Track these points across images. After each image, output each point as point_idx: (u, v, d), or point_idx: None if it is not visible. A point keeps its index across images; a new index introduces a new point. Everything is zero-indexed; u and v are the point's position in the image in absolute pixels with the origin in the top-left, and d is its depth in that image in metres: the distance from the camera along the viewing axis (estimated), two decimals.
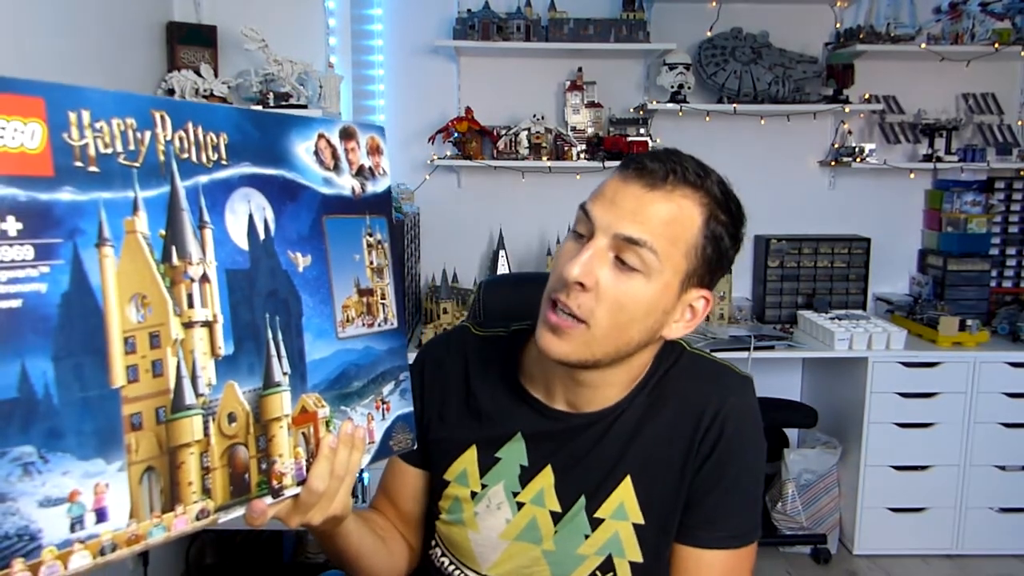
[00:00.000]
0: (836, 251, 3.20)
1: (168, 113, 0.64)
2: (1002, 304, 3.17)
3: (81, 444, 0.58)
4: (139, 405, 0.62)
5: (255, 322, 0.71)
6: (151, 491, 0.63)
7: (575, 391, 0.99)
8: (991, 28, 3.06)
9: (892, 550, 2.93)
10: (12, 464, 0.54)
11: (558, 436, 1.00)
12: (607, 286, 0.88)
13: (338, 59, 2.90)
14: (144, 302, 0.63)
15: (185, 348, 0.66)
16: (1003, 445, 2.87)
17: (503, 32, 2.98)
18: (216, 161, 0.68)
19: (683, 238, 0.89)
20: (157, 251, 0.64)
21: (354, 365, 0.82)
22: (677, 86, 3.03)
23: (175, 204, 0.65)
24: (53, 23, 1.98)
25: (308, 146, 0.77)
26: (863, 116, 3.28)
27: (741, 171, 0.96)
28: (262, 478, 0.72)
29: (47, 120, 0.56)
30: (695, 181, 0.90)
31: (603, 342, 0.90)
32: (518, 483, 1.00)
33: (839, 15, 3.22)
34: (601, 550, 0.98)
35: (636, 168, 0.90)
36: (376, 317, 0.85)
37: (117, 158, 0.61)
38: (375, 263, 0.85)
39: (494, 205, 3.23)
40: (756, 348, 2.80)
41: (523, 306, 1.30)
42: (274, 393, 0.73)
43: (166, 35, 2.69)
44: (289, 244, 0.75)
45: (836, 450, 2.97)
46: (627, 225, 0.87)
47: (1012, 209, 3.25)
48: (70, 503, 0.57)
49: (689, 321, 0.96)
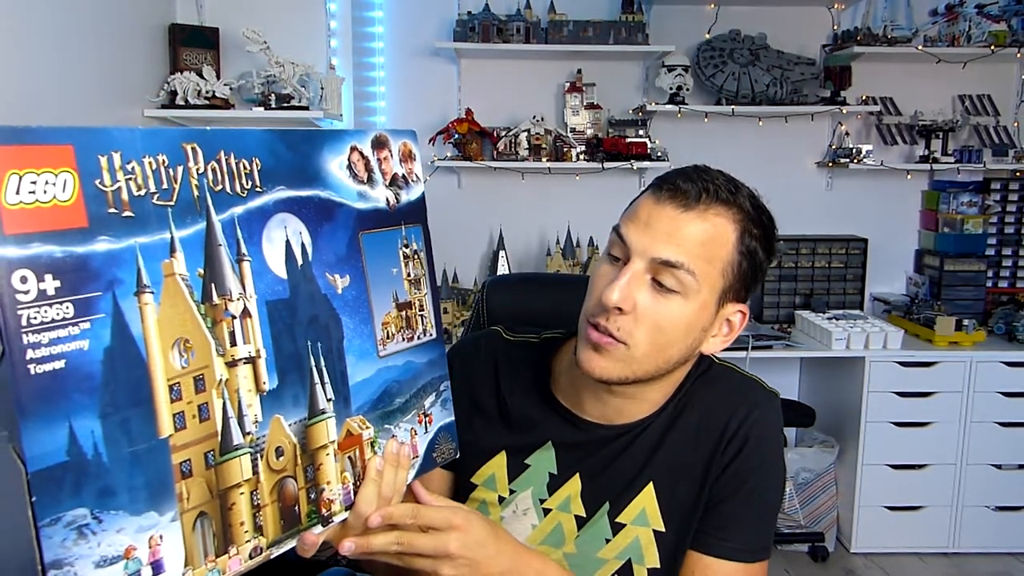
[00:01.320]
0: (834, 251, 3.18)
1: (199, 145, 0.62)
2: (998, 304, 3.16)
3: (133, 499, 0.57)
4: (188, 452, 0.61)
5: (298, 351, 0.69)
6: (204, 537, 0.62)
7: (607, 403, 0.98)
8: (987, 30, 3.05)
9: (889, 548, 2.92)
10: (67, 529, 0.53)
11: (587, 446, 1.00)
12: (645, 309, 0.87)
13: (339, 61, 2.89)
14: (187, 346, 0.61)
15: (230, 388, 0.64)
16: (999, 444, 2.86)
17: (503, 34, 2.96)
18: (251, 189, 0.66)
19: (719, 256, 0.89)
20: (197, 291, 0.62)
21: (396, 382, 0.80)
22: (676, 88, 3.02)
23: (212, 240, 0.63)
24: (56, 26, 1.96)
25: (341, 161, 0.75)
26: (860, 117, 3.27)
27: (739, 172, 0.94)
28: (311, 508, 0.71)
29: (78, 168, 0.54)
30: (727, 198, 0.89)
31: (643, 362, 0.90)
32: (546, 491, 1.00)
33: (836, 17, 3.20)
34: (621, 555, 0.97)
35: (669, 189, 0.89)
36: (415, 330, 0.83)
37: (151, 199, 0.58)
38: (412, 274, 0.83)
39: (494, 206, 3.22)
40: (754, 348, 2.78)
41: (526, 307, 1.31)
42: (320, 421, 0.71)
43: (168, 37, 2.67)
44: (327, 266, 0.73)
45: (834, 449, 2.96)
46: (663, 248, 0.86)
47: (1008, 210, 3.23)
48: (126, 560, 0.56)
49: (727, 336, 0.95)
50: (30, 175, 0.51)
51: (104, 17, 2.23)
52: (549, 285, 1.49)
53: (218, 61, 2.75)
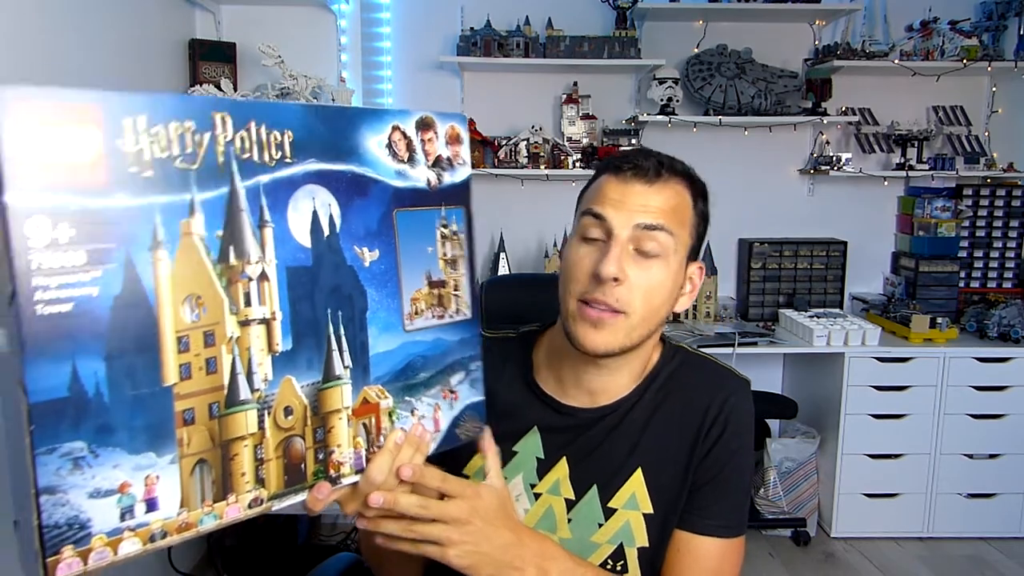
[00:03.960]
0: (815, 253, 3.21)
1: (230, 114, 0.62)
2: (970, 303, 3.19)
3: (132, 439, 0.57)
4: (192, 401, 0.61)
5: (316, 318, 0.69)
6: (203, 482, 0.62)
7: (588, 384, 1.00)
8: (960, 45, 3.09)
9: (867, 533, 2.95)
10: (62, 459, 0.53)
11: (572, 430, 1.01)
12: (636, 277, 0.91)
13: (349, 74, 2.92)
14: (199, 302, 0.61)
15: (241, 345, 0.64)
16: (971, 435, 2.89)
17: (504, 49, 3.00)
18: (279, 160, 0.65)
19: (685, 219, 0.95)
20: (214, 251, 0.61)
21: (421, 357, 0.78)
22: (666, 99, 3.05)
23: (234, 204, 0.62)
24: (83, 41, 2.00)
25: (381, 139, 0.73)
26: (840, 127, 3.30)
27: (726, 179, 1.01)
28: (319, 467, 0.70)
29: (103, 127, 0.54)
30: (680, 169, 0.96)
31: (639, 327, 0.93)
32: (535, 475, 1.00)
33: (818, 33, 3.24)
34: (613, 538, 0.98)
35: (631, 168, 0.94)
36: (447, 308, 0.81)
37: (174, 161, 0.58)
38: (449, 254, 0.81)
39: (495, 211, 3.25)
40: (740, 344, 2.82)
41: (520, 305, 1.30)
42: (334, 386, 0.71)
43: (189, 51, 2.71)
44: (355, 239, 0.72)
45: (815, 439, 2.99)
46: (641, 216, 0.91)
47: (979, 214, 3.26)
48: (120, 494, 0.57)
49: (691, 292, 1.00)
50: (56, 129, 0.52)
51: (129, 33, 2.27)
52: (541, 284, 1.50)
53: (235, 74, 2.79)
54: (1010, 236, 3.26)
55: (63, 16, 1.89)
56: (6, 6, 1.68)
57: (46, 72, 1.81)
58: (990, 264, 3.28)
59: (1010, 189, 3.23)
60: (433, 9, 3.15)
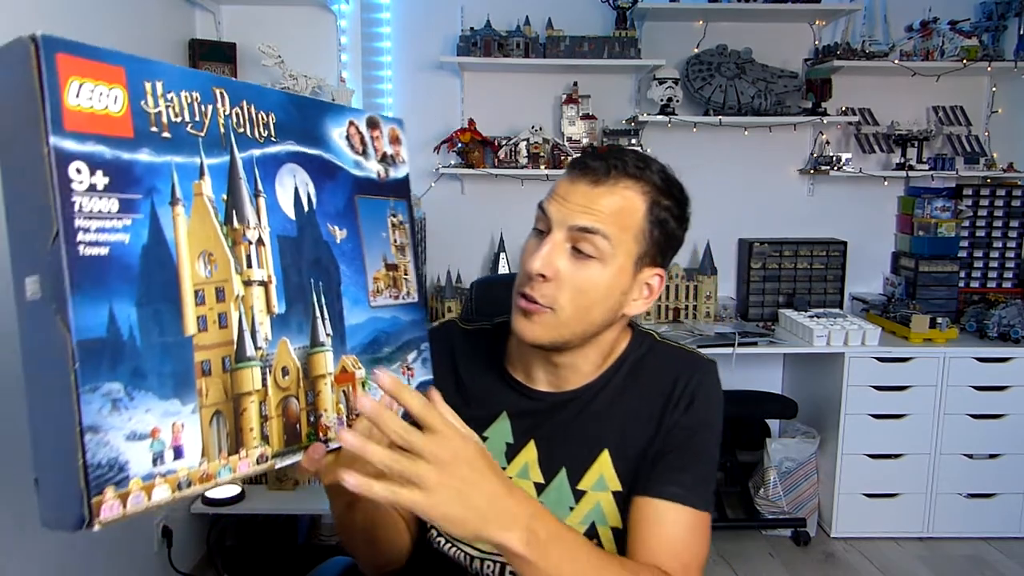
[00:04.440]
0: (815, 253, 3.21)
1: (226, 90, 0.66)
2: (970, 303, 3.19)
3: (161, 385, 0.59)
4: (208, 353, 0.63)
5: (303, 285, 0.73)
6: (219, 433, 0.63)
7: (553, 371, 1.02)
8: (960, 45, 3.08)
9: (867, 533, 2.94)
10: (103, 398, 0.54)
11: (539, 414, 1.02)
12: (567, 274, 0.91)
13: (349, 74, 2.92)
14: (211, 259, 0.64)
15: (245, 304, 0.67)
16: (971, 435, 2.88)
17: (504, 49, 2.99)
18: (267, 137, 0.70)
19: (630, 224, 0.93)
20: (221, 213, 0.65)
21: (384, 332, 0.83)
22: (666, 99, 3.04)
23: (234, 172, 0.67)
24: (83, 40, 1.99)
25: (341, 131, 0.79)
26: (840, 127, 3.30)
27: (726, 179, 0.99)
28: (310, 429, 0.73)
29: (127, 87, 0.58)
30: (635, 173, 0.94)
31: (569, 324, 0.93)
32: (504, 460, 1.02)
33: (817, 33, 3.23)
34: (585, 519, 0.98)
35: (581, 167, 0.94)
36: (400, 290, 0.87)
37: (186, 127, 0.62)
38: (398, 241, 0.87)
39: (495, 210, 3.24)
40: (740, 344, 2.81)
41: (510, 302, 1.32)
42: (320, 352, 0.74)
43: (189, 51, 2.70)
44: (328, 218, 0.77)
45: (815, 439, 2.98)
46: (579, 217, 0.91)
47: (979, 214, 3.26)
48: (152, 439, 0.58)
49: (647, 298, 0.99)
50: (88, 84, 0.55)
51: (129, 33, 2.26)
52: None
53: (235, 74, 2.78)
54: (1010, 236, 3.25)
55: (63, 16, 1.88)
56: (5, 6, 1.67)
57: None
58: (990, 264, 3.28)
59: (1010, 189, 3.22)
60: (433, 9, 3.14)
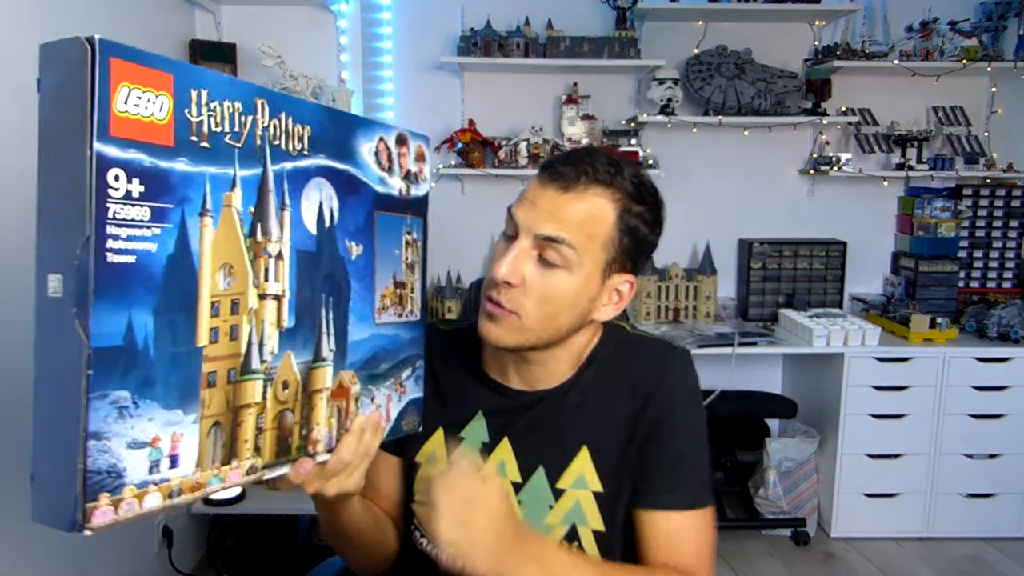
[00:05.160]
0: (815, 253, 3.20)
1: (267, 101, 0.66)
2: (969, 303, 3.18)
3: (167, 395, 0.59)
4: (215, 364, 0.63)
5: (313, 300, 0.73)
6: (215, 444, 0.64)
7: (525, 370, 1.01)
8: (959, 45, 3.07)
9: (867, 533, 2.93)
10: (111, 406, 0.55)
11: (514, 411, 1.02)
12: (532, 281, 0.90)
13: (350, 74, 2.91)
14: (231, 271, 0.64)
15: (258, 317, 0.67)
16: (970, 435, 2.87)
17: (504, 49, 2.99)
18: (300, 151, 0.70)
19: (598, 232, 0.91)
20: (246, 226, 0.65)
21: (383, 349, 0.84)
22: (666, 99, 3.04)
23: (265, 185, 0.67)
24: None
25: (371, 147, 0.80)
26: (840, 128, 3.29)
27: (725, 179, 0.97)
28: (301, 442, 0.73)
29: (174, 95, 0.58)
30: (605, 180, 0.91)
31: (534, 329, 0.92)
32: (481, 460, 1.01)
33: (817, 33, 3.22)
34: (565, 519, 0.97)
35: (551, 172, 0.92)
36: (405, 308, 0.87)
37: (224, 137, 0.62)
38: (410, 259, 0.87)
39: (495, 211, 3.18)
40: (740, 344, 2.80)
41: None
42: (320, 367, 0.74)
43: (189, 52, 2.69)
44: (347, 233, 0.77)
45: (814, 439, 2.97)
46: (545, 225, 0.89)
47: (979, 215, 3.25)
48: (151, 447, 0.58)
49: (617, 304, 0.97)
50: (137, 90, 0.55)
51: (129, 33, 2.26)
52: None
53: (235, 75, 2.77)
54: (1010, 236, 3.24)
55: (62, 16, 1.88)
56: (4, 7, 1.66)
57: None
58: (990, 264, 3.27)
59: (1010, 189, 3.21)
60: (433, 9, 3.13)
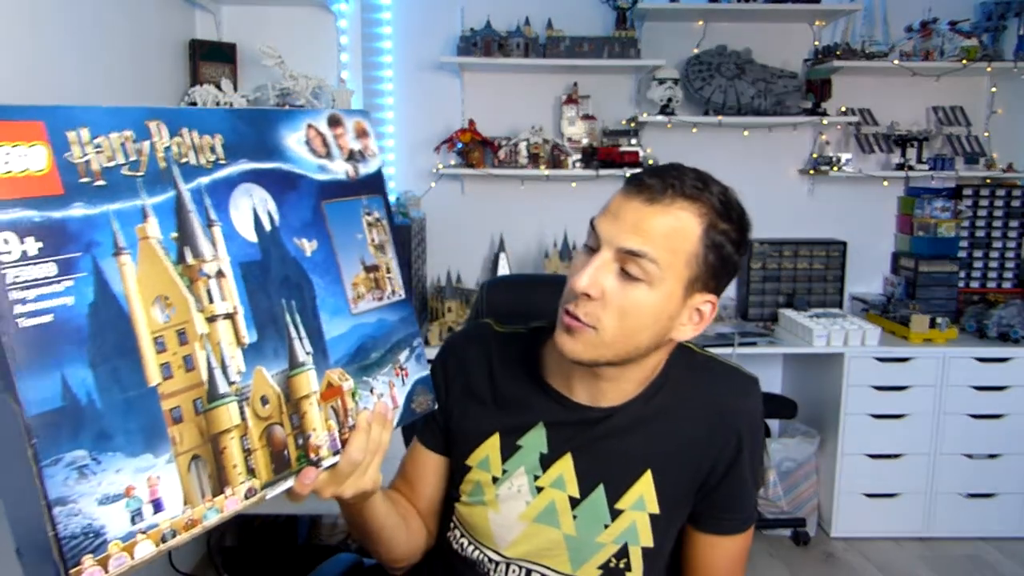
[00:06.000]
0: (815, 253, 3.19)
1: (163, 121, 0.64)
2: (969, 303, 3.17)
3: (129, 442, 0.58)
4: (177, 399, 0.62)
5: (273, 309, 0.71)
6: (200, 478, 0.63)
7: (593, 384, 0.99)
8: (959, 46, 3.06)
9: (867, 533, 2.93)
10: (67, 469, 0.54)
11: (577, 425, 1.00)
12: (612, 295, 0.88)
13: (350, 74, 2.90)
14: (167, 303, 0.62)
15: (212, 341, 0.65)
16: (970, 435, 2.86)
17: (504, 49, 2.98)
18: (215, 161, 0.68)
19: (683, 248, 0.88)
20: (172, 253, 0.63)
21: (370, 338, 0.81)
22: (666, 99, 3.03)
23: (182, 207, 0.65)
24: (81, 42, 1.97)
25: (299, 137, 0.77)
26: (840, 128, 3.28)
27: (725, 179, 0.95)
28: (300, 452, 0.72)
29: (49, 141, 0.55)
30: (692, 194, 0.89)
31: (612, 345, 0.90)
32: (539, 468, 1.00)
33: (817, 33, 3.21)
34: (618, 539, 0.97)
35: (637, 185, 0.89)
36: (384, 290, 0.84)
37: (121, 170, 0.60)
38: (376, 240, 0.85)
39: (495, 211, 3.23)
40: (740, 344, 2.80)
41: (523, 304, 1.30)
42: (300, 373, 0.73)
43: (189, 52, 2.68)
44: (294, 232, 0.75)
45: (815, 439, 2.97)
46: (628, 238, 0.87)
47: (979, 215, 3.24)
48: (127, 498, 0.57)
49: (697, 324, 0.94)
50: (5, 147, 0.53)
51: (129, 33, 2.25)
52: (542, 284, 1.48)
53: (235, 74, 2.76)
54: (1010, 236, 3.23)
55: (62, 17, 1.87)
56: (4, 7, 1.66)
57: (45, 73, 1.79)
58: (990, 264, 3.26)
59: (1010, 189, 3.20)
60: (433, 9, 3.12)
